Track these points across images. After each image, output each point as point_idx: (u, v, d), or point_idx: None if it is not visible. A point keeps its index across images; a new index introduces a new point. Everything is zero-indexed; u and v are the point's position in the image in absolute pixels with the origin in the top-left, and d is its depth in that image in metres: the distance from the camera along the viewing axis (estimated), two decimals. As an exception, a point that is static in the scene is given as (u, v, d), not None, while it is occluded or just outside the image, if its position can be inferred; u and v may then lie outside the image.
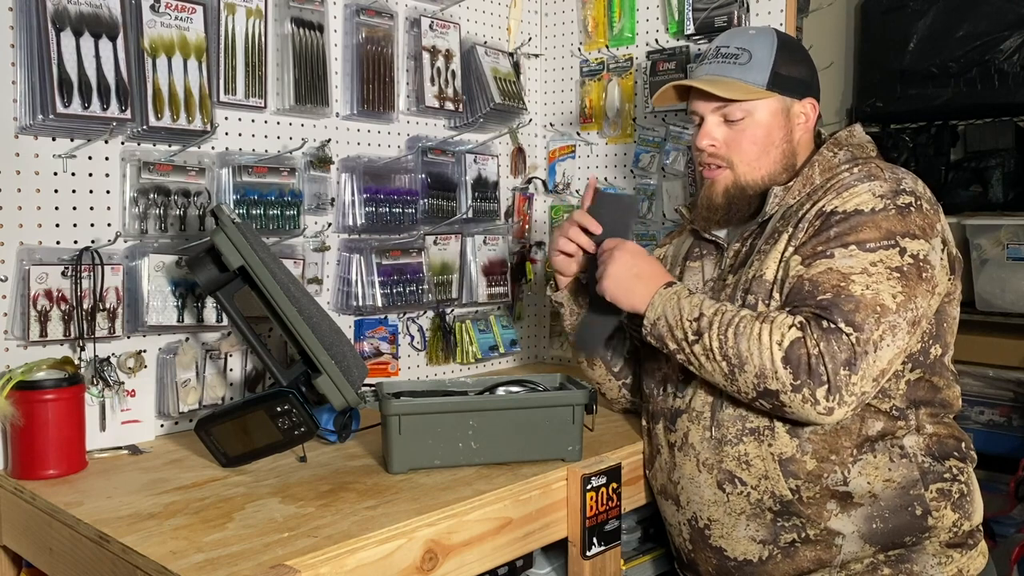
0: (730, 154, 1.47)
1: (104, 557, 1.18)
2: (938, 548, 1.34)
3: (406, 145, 2.09)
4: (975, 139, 3.26)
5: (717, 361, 1.32)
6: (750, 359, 1.28)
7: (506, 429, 1.45)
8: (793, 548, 1.36)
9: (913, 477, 1.33)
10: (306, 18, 1.83)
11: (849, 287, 1.27)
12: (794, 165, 1.48)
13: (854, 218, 1.31)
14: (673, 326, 1.37)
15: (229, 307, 1.44)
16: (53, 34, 1.45)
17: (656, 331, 1.39)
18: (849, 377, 1.23)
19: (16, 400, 1.38)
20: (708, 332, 1.32)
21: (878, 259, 1.28)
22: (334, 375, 1.41)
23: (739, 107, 1.44)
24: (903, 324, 1.27)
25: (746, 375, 1.29)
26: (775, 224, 1.42)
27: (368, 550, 1.15)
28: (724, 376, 1.32)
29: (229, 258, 1.38)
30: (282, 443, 1.42)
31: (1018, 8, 2.97)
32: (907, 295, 1.27)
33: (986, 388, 2.83)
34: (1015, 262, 2.76)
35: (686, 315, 1.36)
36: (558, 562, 1.59)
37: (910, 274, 1.28)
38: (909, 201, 1.33)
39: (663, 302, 1.39)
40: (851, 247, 1.29)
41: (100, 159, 1.57)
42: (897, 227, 1.30)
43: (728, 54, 1.46)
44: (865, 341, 1.24)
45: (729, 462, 1.39)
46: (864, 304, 1.25)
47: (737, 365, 1.29)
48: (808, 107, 1.47)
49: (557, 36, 2.42)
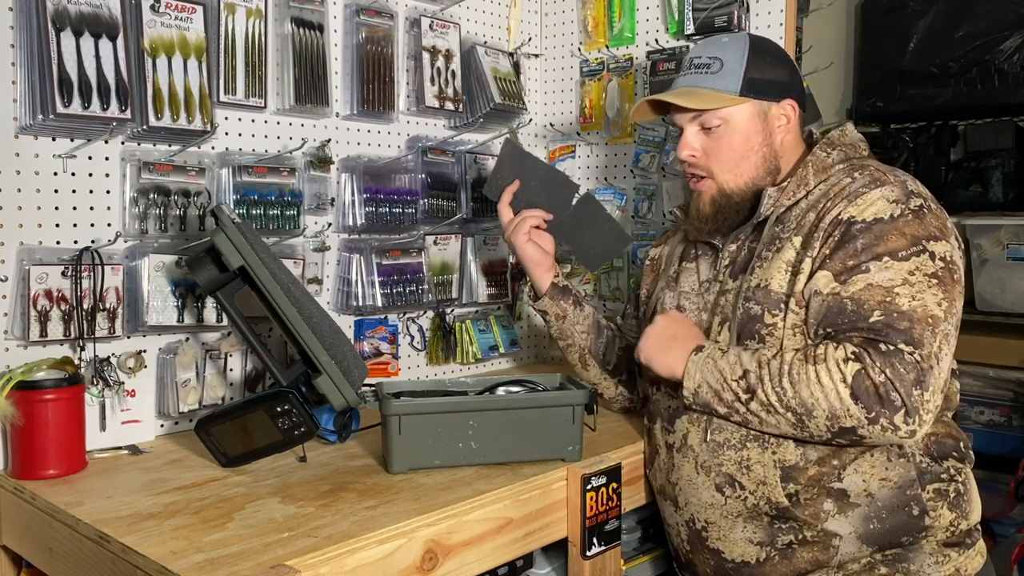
0: (709, 163, 1.48)
1: (104, 557, 1.18)
2: (935, 547, 1.34)
3: (406, 145, 2.09)
4: (975, 139, 3.26)
5: (780, 414, 1.30)
6: (817, 405, 1.26)
7: (506, 429, 1.45)
8: (790, 550, 1.36)
9: (910, 477, 1.33)
10: (306, 18, 1.83)
11: (896, 301, 1.26)
12: (778, 168, 1.48)
13: (876, 227, 1.31)
14: (719, 390, 1.36)
15: (229, 307, 1.44)
16: (53, 34, 1.45)
17: (700, 399, 1.38)
18: (922, 396, 1.23)
19: (16, 400, 1.38)
20: (761, 387, 1.31)
21: (914, 267, 1.28)
22: (334, 375, 1.41)
23: (714, 115, 1.44)
24: (952, 330, 1.29)
25: (816, 420, 1.27)
26: (773, 229, 1.41)
27: (368, 550, 1.15)
28: (793, 426, 1.30)
29: (229, 258, 1.38)
30: (282, 443, 1.42)
31: (1018, 8, 2.97)
32: (949, 300, 1.28)
33: (986, 388, 2.82)
34: (1015, 262, 2.76)
35: (729, 376, 1.34)
36: (558, 562, 1.59)
37: (945, 278, 1.29)
38: (921, 203, 1.33)
39: (698, 368, 1.38)
40: (884, 259, 1.29)
41: (100, 159, 1.57)
42: (920, 231, 1.30)
43: (700, 64, 1.47)
44: (928, 356, 1.24)
45: (729, 466, 1.39)
46: (917, 319, 1.25)
47: (804, 413, 1.28)
48: (788, 108, 1.47)
49: (557, 36, 2.42)
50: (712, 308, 1.46)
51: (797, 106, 1.48)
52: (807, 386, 1.27)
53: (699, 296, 1.51)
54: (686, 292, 1.54)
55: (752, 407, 1.32)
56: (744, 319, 1.39)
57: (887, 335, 1.25)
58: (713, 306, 1.46)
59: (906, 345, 1.24)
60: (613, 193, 2.31)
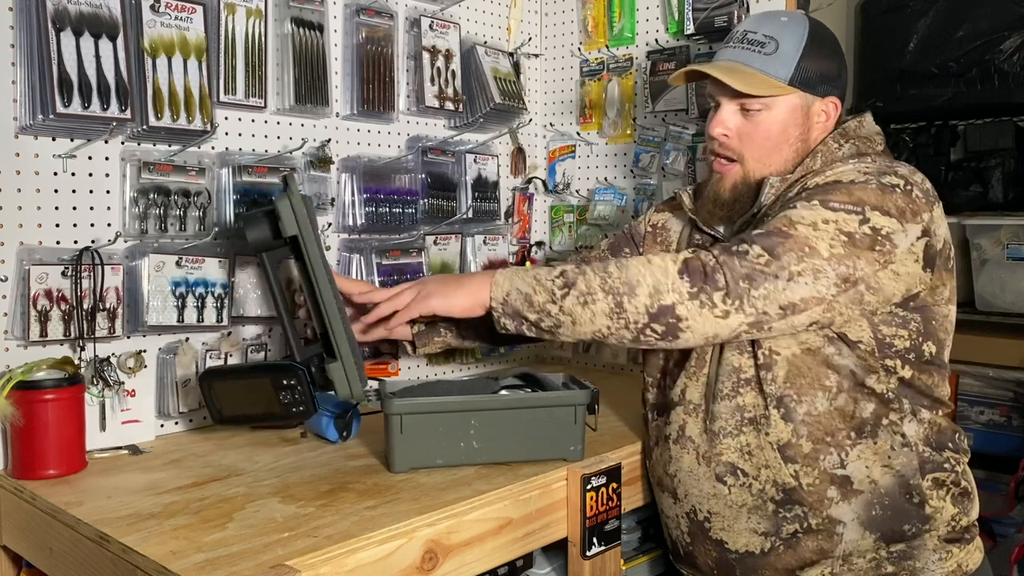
0: (742, 148, 1.42)
1: (104, 557, 1.18)
2: (938, 543, 1.35)
3: (406, 145, 2.09)
4: (975, 139, 3.26)
5: (597, 302, 1.27)
6: (642, 280, 1.25)
7: (508, 429, 1.45)
8: (795, 539, 1.36)
9: (913, 465, 1.33)
10: (306, 18, 1.83)
11: (788, 229, 1.24)
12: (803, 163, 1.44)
13: (830, 186, 1.29)
14: (531, 294, 1.32)
15: (270, 270, 1.47)
16: (53, 34, 1.45)
17: (510, 307, 1.33)
18: (748, 289, 1.21)
19: (16, 400, 1.38)
20: (582, 278, 1.29)
21: (834, 218, 1.24)
22: (347, 365, 1.41)
23: (757, 99, 1.39)
24: (830, 274, 1.22)
25: (637, 299, 1.25)
26: (767, 215, 1.39)
27: (368, 550, 1.15)
28: (607, 314, 1.27)
29: (286, 225, 1.40)
30: (278, 416, 1.42)
31: (1018, 8, 2.97)
32: (847, 253, 1.23)
33: (986, 388, 2.83)
34: (1015, 262, 2.76)
35: (544, 277, 1.32)
36: (558, 562, 1.59)
37: (860, 242, 1.24)
38: (896, 183, 1.29)
39: (507, 278, 1.35)
40: (814, 202, 1.26)
41: (100, 159, 1.57)
42: (871, 199, 1.26)
43: (754, 40, 1.39)
44: (779, 268, 1.21)
45: (730, 454, 1.38)
46: (794, 240, 1.22)
47: (626, 292, 1.25)
48: (830, 106, 1.42)
49: (557, 36, 2.42)
50: None
51: (840, 103, 1.43)
52: (636, 265, 1.26)
53: None
54: None
55: (566, 304, 1.28)
56: None
57: (748, 240, 1.23)
58: None
59: (759, 249, 1.22)
60: (613, 193, 2.31)
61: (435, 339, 1.66)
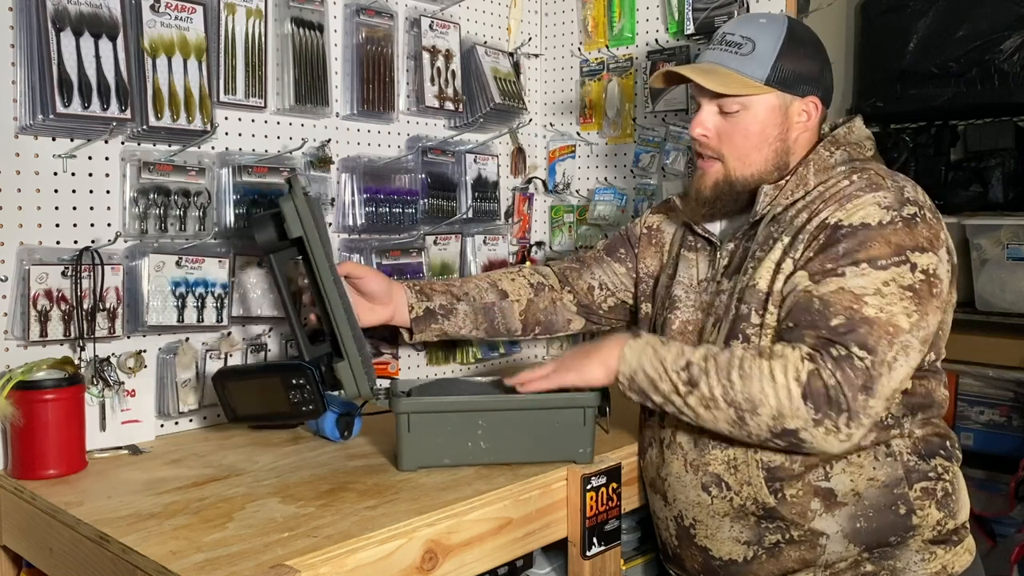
0: (721, 147, 1.43)
1: (104, 557, 1.18)
2: (921, 545, 1.34)
3: (406, 145, 2.09)
4: (975, 139, 3.26)
5: (721, 409, 1.27)
6: (765, 401, 1.24)
7: (516, 430, 1.44)
8: (777, 549, 1.36)
9: (897, 476, 1.32)
10: (306, 18, 1.83)
11: (863, 309, 1.24)
12: (787, 164, 1.43)
13: (862, 232, 1.28)
14: (656, 380, 1.32)
15: (277, 271, 1.47)
16: (53, 34, 1.45)
17: (636, 386, 1.35)
18: (867, 401, 1.22)
19: (16, 400, 1.38)
20: (705, 380, 1.28)
21: (890, 277, 1.25)
22: (355, 364, 1.42)
23: (735, 99, 1.39)
24: (915, 343, 1.25)
25: (759, 418, 1.25)
26: (768, 228, 1.40)
27: (368, 550, 1.15)
28: (731, 423, 1.28)
29: (291, 226, 1.41)
30: (288, 415, 1.43)
31: (1018, 8, 2.96)
32: (920, 313, 1.25)
33: (986, 388, 2.82)
34: (1015, 262, 2.76)
35: (670, 366, 1.31)
36: (558, 562, 1.59)
37: (922, 291, 1.26)
38: (914, 211, 1.30)
39: (635, 354, 1.35)
40: (863, 265, 1.26)
41: (100, 159, 1.57)
42: (906, 241, 1.27)
43: (732, 42, 1.40)
44: (880, 363, 1.22)
45: (716, 465, 1.38)
46: (878, 326, 1.23)
47: (748, 410, 1.25)
48: (810, 105, 1.42)
49: (557, 36, 2.42)
50: (707, 308, 1.46)
51: (821, 104, 1.44)
52: (759, 380, 1.24)
53: (696, 293, 1.50)
54: (683, 283, 1.52)
55: (690, 401, 1.29)
56: (733, 319, 1.38)
57: (844, 338, 1.23)
58: (708, 306, 1.45)
59: (859, 349, 1.22)
60: (613, 193, 2.31)
61: (432, 326, 1.67)
